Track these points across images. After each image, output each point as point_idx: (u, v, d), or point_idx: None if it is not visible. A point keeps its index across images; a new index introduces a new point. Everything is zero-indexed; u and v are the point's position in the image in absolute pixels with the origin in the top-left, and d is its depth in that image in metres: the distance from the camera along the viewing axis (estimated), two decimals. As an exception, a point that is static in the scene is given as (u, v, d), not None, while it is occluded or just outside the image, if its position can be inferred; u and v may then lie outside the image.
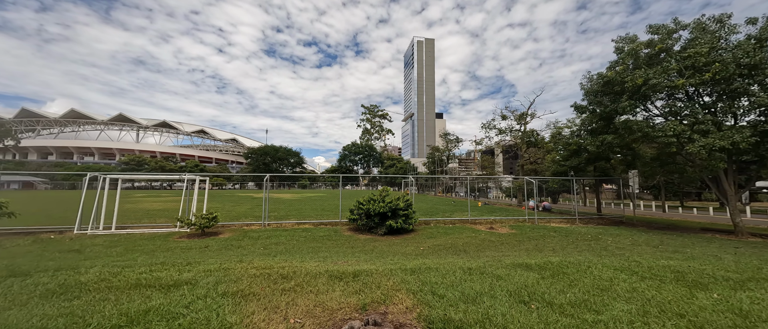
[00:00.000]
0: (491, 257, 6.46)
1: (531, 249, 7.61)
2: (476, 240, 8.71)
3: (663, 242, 9.26)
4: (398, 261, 5.76)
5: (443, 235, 9.49)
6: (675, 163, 12.98)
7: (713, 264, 6.20)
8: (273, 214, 14.73)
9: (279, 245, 7.56)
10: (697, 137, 9.63)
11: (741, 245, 8.90)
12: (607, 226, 13.16)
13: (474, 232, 10.24)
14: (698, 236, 10.56)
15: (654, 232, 11.49)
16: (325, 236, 8.93)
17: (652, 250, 7.78)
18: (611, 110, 12.56)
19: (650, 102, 11.95)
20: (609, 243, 8.69)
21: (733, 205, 10.70)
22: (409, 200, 10.87)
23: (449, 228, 11.02)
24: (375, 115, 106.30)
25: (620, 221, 14.67)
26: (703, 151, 9.27)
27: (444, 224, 12.48)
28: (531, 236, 9.55)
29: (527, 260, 5.99)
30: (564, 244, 8.36)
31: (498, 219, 13.93)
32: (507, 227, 11.74)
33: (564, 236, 9.79)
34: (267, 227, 10.71)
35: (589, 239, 9.43)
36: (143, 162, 77.57)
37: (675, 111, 10.49)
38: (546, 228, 11.58)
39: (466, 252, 7.13)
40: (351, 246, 7.52)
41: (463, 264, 5.57)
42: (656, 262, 6.13)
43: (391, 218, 9.40)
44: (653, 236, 10.40)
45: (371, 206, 9.46)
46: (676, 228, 13.03)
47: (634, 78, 11.11)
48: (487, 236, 9.40)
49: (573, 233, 10.69)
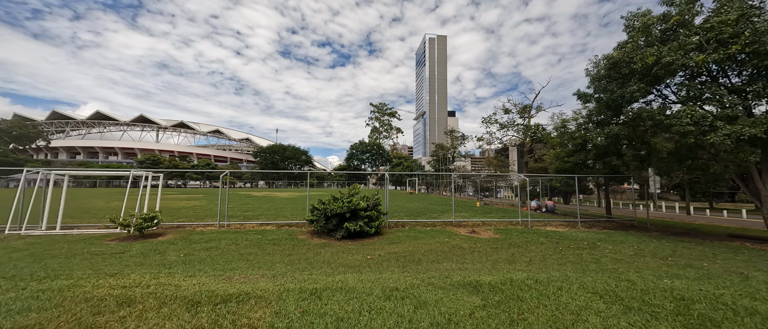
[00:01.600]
0: (443, 271, 5.23)
1: (501, 259, 6.29)
2: (444, 247, 7.45)
3: (676, 252, 7.65)
4: (317, 277, 4.66)
5: (411, 240, 8.27)
6: (696, 158, 11.08)
7: (735, 286, 4.69)
8: (248, 213, 13.95)
9: (209, 251, 6.62)
10: (721, 124, 7.90)
11: (778, 258, 7.15)
12: (613, 230, 11.46)
13: (449, 237, 8.95)
14: (723, 245, 8.79)
15: (669, 239, 9.76)
16: (275, 240, 7.93)
17: (658, 263, 6.27)
18: (618, 96, 10.86)
19: (665, 86, 10.19)
20: (605, 253, 7.20)
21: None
22: (379, 199, 9.71)
23: (424, 232, 9.78)
24: (384, 113, 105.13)
25: (631, 225, 12.86)
26: (729, 141, 7.56)
27: (423, 226, 11.22)
28: (513, 243, 8.17)
29: (482, 277, 4.72)
30: (548, 254, 6.96)
31: (487, 222, 12.50)
32: (491, 230, 10.34)
33: (554, 243, 8.34)
34: (223, 228, 9.85)
35: (583, 247, 7.95)
36: (159, 161, 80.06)
37: (694, 95, 8.74)
38: (538, 233, 10.10)
39: (420, 262, 5.91)
40: (289, 254, 6.47)
41: (394, 281, 4.39)
42: (656, 283, 4.71)
43: (350, 220, 8.29)
44: (666, 244, 8.73)
45: (330, 206, 8.38)
46: (698, 234, 11.15)
47: (644, 57, 9.43)
48: (460, 242, 8.11)
49: (568, 238, 9.18)
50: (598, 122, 13.32)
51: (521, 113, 21.62)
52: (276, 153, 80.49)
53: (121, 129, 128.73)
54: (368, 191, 10.27)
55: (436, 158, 45.67)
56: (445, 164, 44.17)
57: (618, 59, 10.74)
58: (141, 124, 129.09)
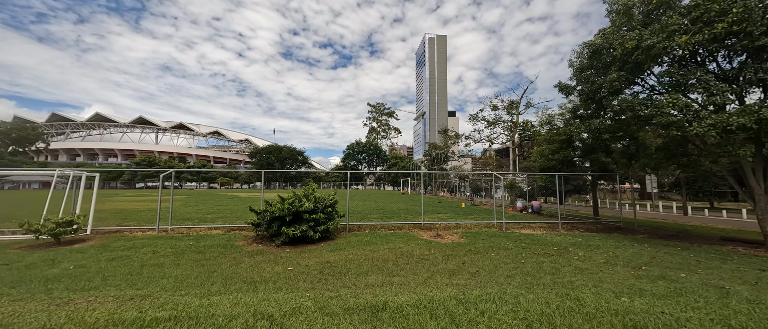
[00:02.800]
0: (359, 287, 4.39)
1: (443, 270, 5.42)
2: (391, 255, 6.60)
3: (655, 258, 6.74)
4: (190, 299, 3.84)
5: (359, 246, 7.42)
6: (686, 154, 10.13)
7: (709, 307, 3.80)
8: (208, 216, 13.16)
9: (113, 262, 5.81)
10: (705, 113, 6.99)
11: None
12: (595, 233, 10.53)
13: (406, 241, 8.09)
14: (712, 250, 7.85)
15: (652, 243, 8.83)
16: (205, 247, 7.11)
17: (628, 274, 5.37)
18: (598, 87, 9.96)
19: (649, 74, 9.28)
20: (572, 261, 6.30)
21: (762, 208, 7.88)
22: (335, 200, 8.87)
23: (383, 236, 8.91)
24: (381, 113, 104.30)
25: (617, 227, 11.91)
26: (714, 131, 6.63)
27: (389, 229, 10.36)
28: (473, 249, 7.29)
29: (398, 296, 3.87)
30: (503, 263, 6.08)
31: (461, 224, 11.61)
32: (458, 234, 9.46)
33: (521, 249, 7.45)
34: (162, 233, 9.06)
35: (551, 253, 7.05)
36: (154, 163, 79.70)
37: (678, 81, 7.81)
38: (509, 237, 9.21)
39: (344, 275, 5.07)
40: (202, 265, 5.64)
41: (279, 305, 3.56)
42: (610, 302, 3.83)
43: (291, 223, 7.45)
44: (647, 249, 7.81)
45: (270, 208, 7.55)
46: (688, 237, 10.20)
47: (624, 41, 8.54)
48: (414, 248, 7.25)
49: (539, 243, 8.28)
50: (581, 116, 12.41)
51: (508, 110, 20.67)
52: (272, 154, 79.87)
53: (121, 131, 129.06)
54: (326, 192, 9.45)
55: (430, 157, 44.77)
56: (438, 164, 43.19)
57: (599, 46, 9.84)
58: (140, 125, 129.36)
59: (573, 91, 12.04)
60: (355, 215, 14.10)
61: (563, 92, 12.35)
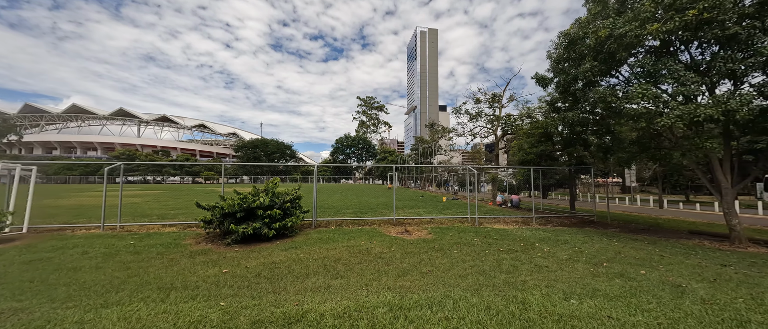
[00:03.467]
0: (291, 292, 3.98)
1: (394, 271, 5.04)
2: (346, 254, 6.19)
3: (620, 253, 6.55)
4: (66, 312, 3.34)
5: (317, 244, 6.99)
6: (659, 147, 10.03)
7: (661, 308, 3.54)
8: (169, 212, 12.48)
9: (24, 265, 5.21)
10: (674, 104, 6.77)
11: (733, 260, 6.12)
12: (568, 227, 10.40)
13: (369, 238, 7.70)
14: (679, 244, 7.76)
15: (621, 237, 8.71)
16: (144, 247, 6.54)
17: (586, 272, 5.12)
18: (572, 78, 9.70)
19: (622, 64, 9.04)
20: (535, 258, 6.03)
21: (729, 202, 7.81)
22: (296, 195, 8.38)
23: (347, 232, 8.50)
24: (371, 107, 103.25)
25: (591, 221, 11.84)
26: (681, 123, 6.43)
27: (358, 224, 9.96)
28: (436, 246, 6.96)
29: (326, 304, 3.45)
30: (461, 260, 5.76)
31: (435, 219, 11.32)
32: (428, 229, 9.14)
33: (486, 246, 7.17)
34: (107, 231, 8.41)
35: (515, 249, 6.78)
36: (135, 156, 76.93)
37: (649, 71, 7.57)
38: (478, 232, 8.94)
39: (282, 279, 4.63)
40: (128, 268, 5.11)
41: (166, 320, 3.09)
42: (557, 306, 3.52)
43: (244, 220, 6.94)
44: (614, 243, 7.65)
45: (222, 204, 7.01)
46: (658, 231, 10.17)
47: (597, 30, 8.25)
48: (375, 246, 6.87)
49: (508, 238, 8.03)
50: (558, 109, 12.21)
51: (491, 103, 20.41)
52: (258, 147, 78.25)
53: (101, 123, 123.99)
54: (290, 186, 8.95)
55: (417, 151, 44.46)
56: (425, 158, 43.01)
57: (574, 36, 9.55)
58: (121, 118, 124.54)
59: (550, 83, 11.78)
60: (330, 211, 13.66)
61: (541, 84, 12.08)
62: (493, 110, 20.56)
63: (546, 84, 11.87)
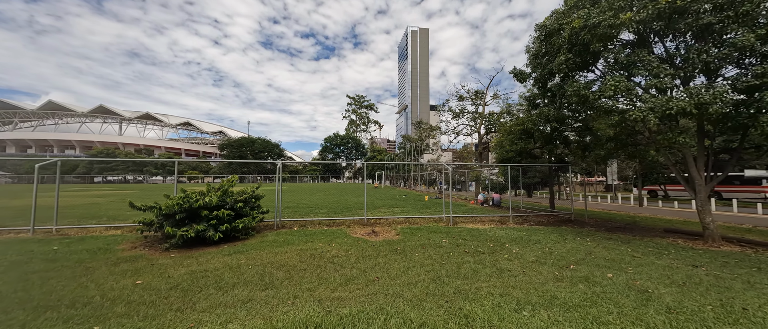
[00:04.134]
0: (199, 311, 3.38)
1: (338, 279, 4.51)
2: (297, 259, 5.63)
3: (591, 254, 6.19)
4: None
5: (268, 247, 6.39)
6: (636, 144, 9.81)
7: (623, 319, 3.11)
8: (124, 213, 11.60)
9: None
10: (646, 97, 6.46)
11: (705, 260, 5.83)
12: (544, 226, 10.08)
13: (331, 240, 7.15)
14: (653, 243, 7.49)
15: (595, 236, 8.42)
16: (72, 252, 5.83)
17: (551, 275, 4.70)
18: (549, 71, 9.36)
19: (597, 57, 8.75)
20: (499, 261, 5.60)
21: (703, 199, 7.59)
22: (253, 194, 7.75)
23: (310, 234, 7.93)
24: (361, 106, 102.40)
25: (569, 220, 11.59)
26: (653, 116, 6.10)
27: (324, 225, 9.39)
28: (400, 248, 6.46)
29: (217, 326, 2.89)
30: (420, 264, 5.27)
31: (410, 218, 10.85)
32: (397, 230, 8.64)
33: (454, 247, 6.72)
34: (48, 234, 7.59)
35: (483, 251, 6.35)
36: (112, 155, 74.01)
37: (623, 63, 7.26)
38: (450, 233, 8.50)
39: (201, 291, 4.04)
40: (25, 280, 4.40)
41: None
42: (504, 320, 3.04)
43: (186, 222, 6.28)
44: (587, 243, 7.32)
45: (160, 204, 6.32)
46: (634, 229, 9.96)
47: (572, 21, 7.90)
48: (334, 248, 6.32)
49: (479, 239, 7.61)
50: (537, 104, 11.91)
51: (474, 100, 20.10)
52: (244, 146, 76.48)
53: (80, 121, 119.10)
54: (250, 186, 8.30)
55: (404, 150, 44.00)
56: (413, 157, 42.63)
57: (550, 28, 9.21)
58: (102, 115, 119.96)
59: (528, 78, 11.46)
60: (303, 210, 13.03)
61: (519, 79, 11.74)
62: (476, 107, 20.26)
63: (524, 79, 11.54)
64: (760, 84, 5.98)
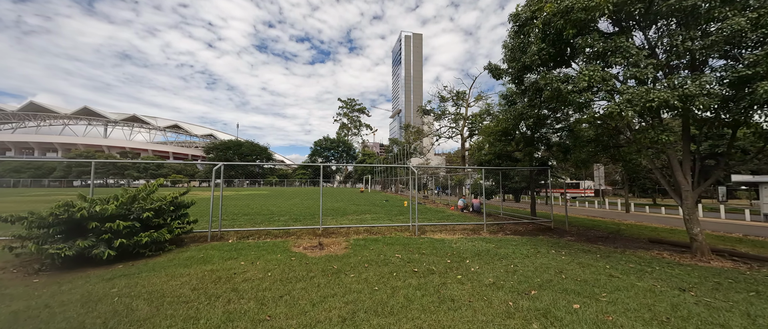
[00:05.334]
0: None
1: (214, 320, 3.41)
2: (183, 288, 4.51)
3: (561, 272, 5.20)
4: None
5: (174, 268, 5.25)
6: (617, 145, 8.97)
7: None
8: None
9: None
10: (623, 88, 5.57)
11: (693, 281, 4.89)
12: (520, 236, 9.11)
13: (260, 255, 6.03)
14: (635, 257, 6.56)
15: (574, 248, 7.46)
16: None
17: (504, 306, 3.68)
18: (522, 65, 8.49)
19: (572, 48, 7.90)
20: (449, 283, 4.57)
21: (689, 207, 6.70)
22: (179, 201, 6.60)
23: (243, 247, 6.79)
24: (353, 109, 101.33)
25: (548, 228, 10.65)
26: (631, 109, 5.20)
27: (269, 236, 8.25)
28: (337, 267, 5.39)
29: None
30: (350, 290, 4.21)
31: (373, 228, 9.78)
32: (350, 242, 7.55)
33: (405, 263, 5.67)
34: None
35: (437, 270, 5.32)
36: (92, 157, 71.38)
37: (598, 52, 6.38)
38: (410, 244, 7.44)
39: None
40: None
41: None
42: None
43: (69, 236, 5.11)
44: (563, 257, 6.35)
45: (34, 216, 5.13)
46: (617, 239, 9.06)
47: (544, 6, 7.05)
48: (249, 269, 5.22)
49: (439, 252, 6.58)
50: (514, 102, 11.06)
51: (456, 101, 19.25)
52: (231, 149, 74.62)
53: (63, 122, 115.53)
54: (177, 190, 7.17)
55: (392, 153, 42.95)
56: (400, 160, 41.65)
57: (524, 18, 8.35)
58: (86, 117, 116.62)
59: (504, 74, 10.59)
60: (260, 218, 11.84)
61: (494, 75, 10.87)
62: (458, 107, 19.41)
63: (499, 75, 10.67)
64: (753, 74, 5.13)
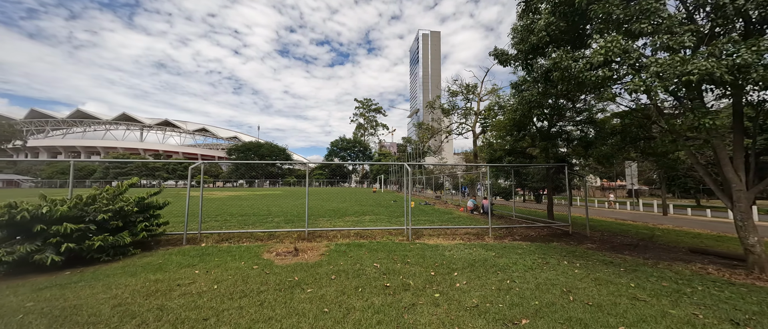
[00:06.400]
0: None
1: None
2: (104, 305, 3.98)
3: (571, 291, 4.17)
4: None
5: (119, 277, 4.79)
6: (649, 137, 7.56)
7: None
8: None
9: None
10: (650, 60, 4.39)
11: (751, 307, 3.70)
12: (531, 242, 7.94)
13: (223, 262, 5.47)
14: (671, 271, 5.29)
15: (592, 259, 6.25)
16: None
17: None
18: (531, 46, 7.37)
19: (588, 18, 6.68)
20: (418, 307, 3.71)
21: (743, 211, 5.30)
22: (148, 202, 6.22)
23: (210, 252, 6.28)
24: (369, 109, 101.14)
25: (565, 233, 9.33)
26: (661, 84, 4.05)
27: (250, 239, 7.74)
28: (299, 279, 4.70)
29: None
30: (290, 313, 3.48)
31: (364, 231, 9.01)
32: (331, 247, 6.82)
33: (380, 275, 4.87)
34: None
35: (414, 284, 4.46)
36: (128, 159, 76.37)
37: (619, 20, 5.15)
38: (395, 252, 6.60)
39: None
40: None
41: None
42: None
43: (13, 241, 4.79)
44: (575, 271, 5.23)
45: None
46: (648, 247, 7.64)
47: (550, -28, 5.95)
48: (200, 279, 4.65)
49: (425, 262, 5.69)
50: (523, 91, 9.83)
51: (466, 95, 18.00)
52: (251, 150, 76.94)
53: (105, 128, 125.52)
54: (148, 190, 6.83)
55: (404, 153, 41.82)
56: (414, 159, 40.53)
57: (530, -8, 7.26)
58: (125, 122, 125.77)
59: (511, 59, 9.42)
60: (252, 219, 11.46)
61: (500, 61, 9.70)
62: (468, 101, 18.14)
63: (507, 60, 9.50)
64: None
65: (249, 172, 78.23)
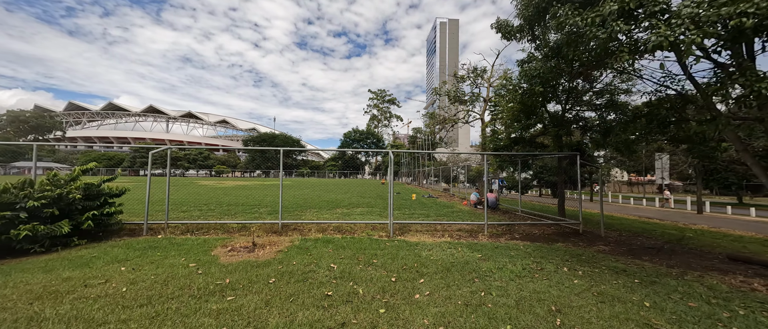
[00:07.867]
0: None
1: None
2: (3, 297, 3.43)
3: (562, 310, 3.21)
4: None
5: (35, 272, 4.29)
6: (682, 120, 6.18)
7: None
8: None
9: None
10: (681, 5, 3.18)
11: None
12: (533, 241, 6.84)
13: (168, 256, 4.89)
14: (703, 285, 4.12)
15: (603, 264, 5.12)
16: None
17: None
18: (534, 11, 6.15)
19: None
20: (349, 326, 2.88)
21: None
22: (101, 189, 5.75)
23: (159, 245, 5.74)
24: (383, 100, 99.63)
25: (575, 231, 8.09)
26: (697, 35, 2.87)
27: (218, 231, 7.19)
28: (232, 282, 4.01)
29: None
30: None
31: (344, 224, 8.24)
32: (296, 241, 6.10)
33: (325, 283, 4.08)
34: None
35: (369, 293, 3.64)
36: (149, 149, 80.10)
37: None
38: (364, 249, 5.78)
39: None
40: None
41: None
42: None
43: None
44: (574, 281, 4.18)
45: None
46: (677, 252, 6.32)
47: None
48: (114, 279, 4.06)
49: (394, 263, 4.83)
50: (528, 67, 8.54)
51: (474, 79, 16.56)
52: (265, 141, 78.24)
53: (134, 120, 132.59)
54: (98, 178, 6.38)
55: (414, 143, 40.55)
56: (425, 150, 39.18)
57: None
58: (152, 114, 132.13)
59: (514, 32, 8.13)
60: (234, 210, 11.01)
61: (503, 34, 8.43)
62: (476, 86, 16.71)
63: (509, 33, 8.22)
64: None
65: (265, 163, 79.83)
